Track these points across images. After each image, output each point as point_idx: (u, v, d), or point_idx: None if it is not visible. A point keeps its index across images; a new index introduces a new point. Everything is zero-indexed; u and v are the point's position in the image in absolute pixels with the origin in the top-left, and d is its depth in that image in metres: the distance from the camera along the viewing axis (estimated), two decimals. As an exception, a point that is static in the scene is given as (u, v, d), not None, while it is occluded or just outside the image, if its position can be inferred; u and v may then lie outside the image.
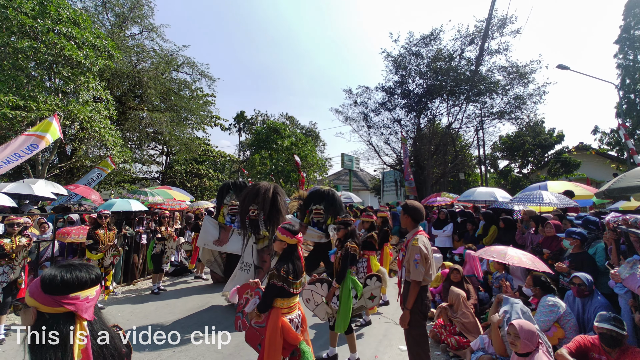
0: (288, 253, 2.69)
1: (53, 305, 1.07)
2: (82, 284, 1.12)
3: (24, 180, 8.15)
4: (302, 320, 2.75)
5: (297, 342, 2.53)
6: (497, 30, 16.09)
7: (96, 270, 1.20)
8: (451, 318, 3.96)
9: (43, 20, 9.52)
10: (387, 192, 20.58)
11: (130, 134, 18.67)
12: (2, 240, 3.91)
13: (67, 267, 1.14)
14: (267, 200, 5.01)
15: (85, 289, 1.13)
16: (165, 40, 18.89)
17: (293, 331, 2.54)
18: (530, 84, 16.08)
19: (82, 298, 1.11)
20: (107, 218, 5.19)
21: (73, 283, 1.10)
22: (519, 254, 3.83)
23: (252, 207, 5.06)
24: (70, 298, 1.08)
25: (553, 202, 5.57)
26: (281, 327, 2.48)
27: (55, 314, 1.07)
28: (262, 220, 5.06)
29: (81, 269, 1.15)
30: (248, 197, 5.14)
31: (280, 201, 5.10)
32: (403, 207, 2.99)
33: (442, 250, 7.08)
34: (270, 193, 5.07)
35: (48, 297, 1.07)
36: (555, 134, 17.90)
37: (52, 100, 9.55)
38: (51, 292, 1.07)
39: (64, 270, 1.12)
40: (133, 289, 6.44)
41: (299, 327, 2.66)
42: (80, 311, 1.09)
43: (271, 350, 2.43)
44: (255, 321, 2.63)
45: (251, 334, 2.67)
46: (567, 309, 3.29)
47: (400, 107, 18.90)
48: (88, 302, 1.13)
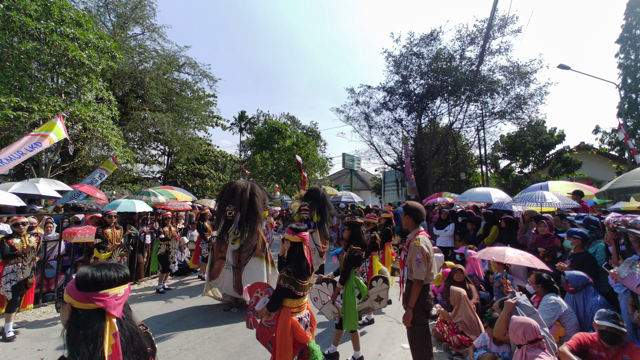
0: (293, 252, 2.70)
1: (84, 301, 1.14)
2: (110, 281, 1.18)
3: (28, 180, 8.23)
4: (311, 320, 2.79)
5: (306, 341, 2.58)
6: (498, 30, 16.12)
7: (125, 270, 1.26)
8: (450, 322, 4.00)
9: (46, 22, 9.59)
10: (388, 191, 20.62)
11: (133, 134, 18.75)
12: (13, 241, 3.98)
13: (98, 266, 1.22)
14: (245, 200, 4.83)
15: (113, 286, 1.19)
16: (166, 41, 18.98)
17: (302, 330, 2.58)
18: (531, 84, 16.12)
19: (111, 295, 1.17)
20: (115, 218, 5.26)
21: (102, 280, 1.17)
22: (517, 254, 3.89)
23: (228, 208, 4.88)
24: (99, 295, 1.15)
25: (555, 203, 5.61)
26: (291, 326, 2.53)
27: (87, 310, 1.14)
28: (237, 221, 4.88)
29: (110, 268, 1.22)
30: (225, 197, 4.97)
31: (257, 202, 4.93)
32: (404, 208, 3.04)
33: (443, 250, 7.13)
34: (247, 193, 4.88)
35: (80, 293, 1.14)
36: (556, 134, 17.93)
37: (55, 101, 9.62)
38: (83, 289, 1.14)
39: (94, 269, 1.19)
40: (138, 288, 6.51)
41: (307, 326, 2.71)
42: (109, 308, 1.15)
43: (282, 349, 2.47)
44: (265, 319, 2.67)
45: (262, 331, 2.73)
46: (569, 308, 3.35)
47: (402, 107, 18.97)
48: (117, 299, 1.19)
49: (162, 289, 6.22)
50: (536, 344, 2.58)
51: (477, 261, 5.35)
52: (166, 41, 18.91)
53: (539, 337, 2.67)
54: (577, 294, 3.47)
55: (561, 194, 6.07)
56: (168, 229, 6.40)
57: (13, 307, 4.10)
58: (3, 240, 4.00)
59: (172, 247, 6.40)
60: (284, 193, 20.18)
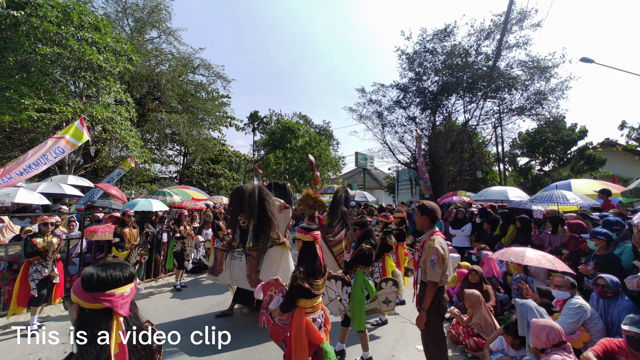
0: (305, 252, 2.70)
1: (91, 301, 1.15)
2: (116, 281, 1.20)
3: (52, 179, 8.59)
4: (325, 320, 2.77)
5: (320, 342, 2.56)
6: (516, 23, 15.59)
7: (130, 269, 1.28)
8: (465, 325, 3.90)
9: (66, 27, 9.96)
10: (402, 190, 20.36)
11: (150, 135, 19.26)
12: (36, 240, 4.17)
13: (103, 266, 1.23)
14: (254, 207, 4.48)
15: (119, 286, 1.20)
16: (182, 44, 19.38)
17: (316, 331, 2.56)
18: (552, 79, 15.51)
19: (117, 295, 1.18)
20: (133, 217, 5.41)
21: (107, 281, 1.18)
22: (537, 255, 3.74)
23: (240, 217, 4.59)
24: (106, 295, 1.16)
25: (578, 202, 5.38)
26: (305, 326, 2.51)
27: (94, 309, 1.16)
28: (252, 229, 4.59)
29: (115, 267, 1.23)
30: (235, 206, 4.65)
31: (268, 206, 4.56)
32: (420, 208, 2.97)
33: (459, 250, 6.98)
34: (255, 199, 4.50)
35: (87, 294, 1.16)
36: (578, 130, 17.21)
37: (75, 103, 10.00)
38: (89, 289, 1.16)
39: (99, 269, 1.20)
40: (155, 285, 6.68)
41: (322, 327, 2.69)
42: (115, 307, 1.17)
43: (297, 349, 2.47)
44: (279, 318, 2.68)
45: (275, 330, 2.73)
46: (594, 313, 3.19)
47: (415, 104, 18.65)
48: (123, 298, 1.20)
49: (179, 286, 6.37)
50: (561, 347, 2.48)
51: (494, 262, 5.20)
52: (181, 44, 19.33)
53: (564, 339, 2.56)
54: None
55: (583, 193, 5.82)
56: (183, 228, 6.54)
57: (38, 302, 4.28)
58: (27, 239, 4.19)
59: (187, 246, 6.54)
60: (297, 192, 20.26)
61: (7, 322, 4.49)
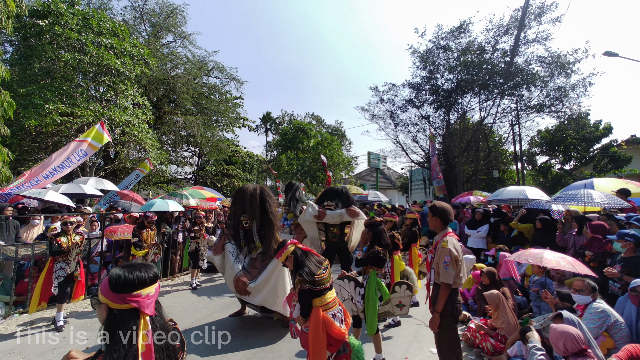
0: (296, 259, 2.69)
1: (119, 302, 1.19)
2: (142, 282, 1.23)
3: (74, 181, 8.98)
4: (344, 314, 2.71)
5: (343, 337, 2.48)
6: (534, 18, 15.10)
7: (154, 270, 1.31)
8: (490, 328, 3.80)
9: (86, 34, 10.36)
10: (415, 190, 20.10)
11: (166, 137, 19.78)
12: (60, 239, 4.35)
13: (129, 267, 1.27)
14: (256, 207, 4.53)
15: (145, 286, 1.24)
16: (196, 47, 19.88)
17: (336, 326, 2.49)
18: (573, 75, 14.93)
19: (144, 295, 1.22)
20: (151, 219, 5.57)
21: (134, 282, 1.22)
22: (556, 257, 3.61)
23: (243, 218, 4.62)
24: (133, 296, 1.20)
25: (603, 202, 5.15)
26: (323, 321, 2.45)
27: (122, 310, 1.20)
28: (255, 229, 4.61)
29: (140, 268, 1.27)
30: (237, 207, 4.68)
31: (270, 207, 4.62)
32: (431, 209, 2.92)
33: (474, 251, 6.83)
34: (257, 199, 4.55)
35: (115, 295, 1.19)
36: (602, 127, 16.49)
37: (95, 107, 10.38)
38: (117, 291, 1.20)
39: (126, 271, 1.24)
40: (171, 284, 6.84)
41: (343, 321, 2.62)
42: (142, 307, 1.21)
43: (316, 346, 2.40)
44: (305, 326, 2.62)
45: (304, 338, 2.64)
46: (619, 318, 3.05)
47: (429, 103, 18.35)
48: (149, 298, 1.24)
49: (195, 285, 6.50)
50: (583, 355, 2.37)
51: (512, 264, 5.05)
52: (196, 47, 19.85)
53: (584, 347, 2.46)
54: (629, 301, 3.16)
55: (607, 192, 5.57)
56: (198, 228, 6.68)
57: (63, 298, 4.45)
58: (52, 238, 4.38)
59: (201, 245, 6.67)
60: (310, 192, 20.31)
61: (33, 318, 4.71)
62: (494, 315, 3.84)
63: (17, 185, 6.58)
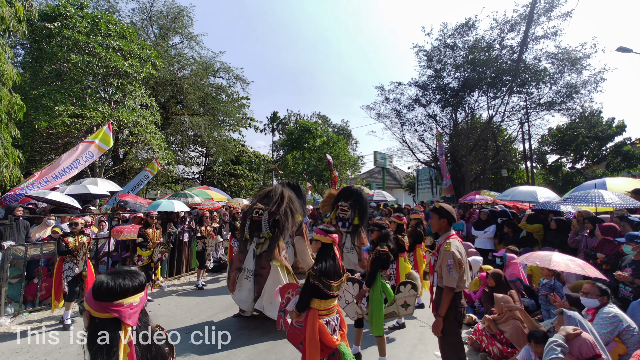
0: (323, 253, 2.71)
1: (101, 311, 1.15)
2: (124, 291, 1.18)
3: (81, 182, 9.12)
4: (341, 323, 2.76)
5: (333, 345, 2.56)
6: (544, 14, 14.78)
7: (140, 278, 1.26)
8: (497, 330, 3.72)
9: (95, 36, 10.52)
10: (422, 190, 19.91)
11: (173, 137, 19.98)
12: (68, 239, 4.42)
13: (114, 274, 1.22)
14: (279, 206, 4.64)
15: (128, 296, 1.18)
16: (203, 48, 20.03)
17: (329, 335, 2.56)
18: (584, 71, 14.57)
19: (126, 305, 1.17)
20: (156, 219, 5.62)
21: (115, 290, 1.17)
22: (565, 259, 3.51)
23: (256, 206, 4.72)
24: (115, 305, 1.15)
25: (615, 202, 5.00)
26: (318, 329, 2.52)
27: (103, 318, 1.15)
28: (266, 220, 4.64)
29: (125, 276, 1.22)
30: (259, 199, 4.86)
31: (289, 220, 4.69)
32: (438, 211, 2.86)
33: (482, 252, 6.70)
34: (284, 203, 4.69)
35: (97, 303, 1.15)
36: (615, 125, 16.10)
37: (104, 108, 10.54)
38: (99, 299, 1.16)
39: (109, 278, 1.19)
40: (177, 283, 6.90)
41: (336, 330, 2.67)
42: (124, 318, 1.15)
43: (311, 350, 2.49)
44: (296, 320, 2.68)
45: (293, 332, 2.74)
46: (631, 323, 2.95)
47: (435, 102, 18.13)
48: (132, 308, 1.18)
49: (200, 285, 6.54)
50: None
51: (519, 265, 4.95)
52: (203, 48, 19.99)
53: (598, 353, 2.38)
54: (639, 306, 3.06)
55: (621, 192, 5.41)
56: (204, 228, 6.73)
57: (72, 297, 4.53)
58: (60, 239, 4.45)
59: (208, 245, 6.72)
60: (315, 192, 20.29)
61: (42, 317, 4.80)
62: (501, 318, 3.76)
63: (27, 185, 6.71)
